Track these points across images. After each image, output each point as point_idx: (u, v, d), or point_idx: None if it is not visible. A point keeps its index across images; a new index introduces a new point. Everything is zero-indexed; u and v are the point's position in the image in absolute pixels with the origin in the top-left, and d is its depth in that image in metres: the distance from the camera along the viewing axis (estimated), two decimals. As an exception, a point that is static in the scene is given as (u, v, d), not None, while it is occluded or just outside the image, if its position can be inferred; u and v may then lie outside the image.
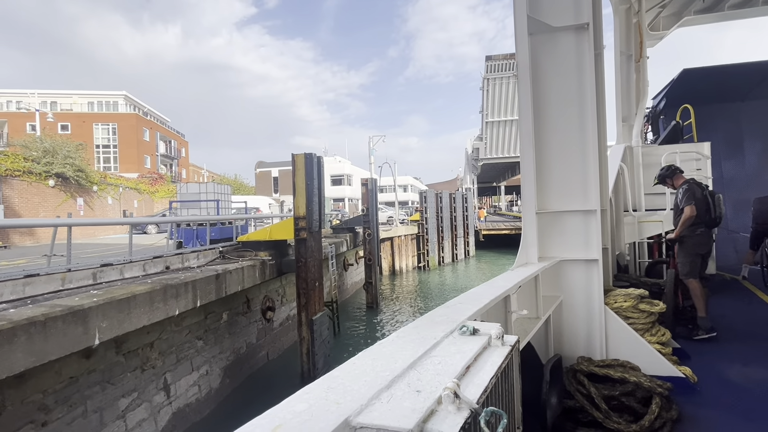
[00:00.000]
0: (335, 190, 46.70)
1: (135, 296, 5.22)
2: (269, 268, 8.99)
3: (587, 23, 3.46)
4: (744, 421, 2.83)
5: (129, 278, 6.69)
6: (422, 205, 25.18)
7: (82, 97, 45.20)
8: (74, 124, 38.68)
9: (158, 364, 6.29)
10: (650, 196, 6.85)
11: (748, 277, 7.41)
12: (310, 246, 8.75)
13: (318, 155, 9.05)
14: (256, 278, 8.45)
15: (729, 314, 5.17)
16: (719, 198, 4.69)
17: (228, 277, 7.40)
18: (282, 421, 0.84)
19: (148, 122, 42.82)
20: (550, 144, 3.60)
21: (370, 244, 15.68)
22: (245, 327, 8.81)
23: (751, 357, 3.92)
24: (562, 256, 3.56)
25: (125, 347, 5.67)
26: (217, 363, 7.77)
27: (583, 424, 2.73)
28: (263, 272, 8.74)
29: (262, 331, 9.47)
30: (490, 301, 1.96)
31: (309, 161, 8.72)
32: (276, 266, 9.27)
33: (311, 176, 8.76)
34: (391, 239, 22.49)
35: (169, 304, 5.84)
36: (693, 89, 9.43)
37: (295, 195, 8.77)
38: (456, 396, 0.92)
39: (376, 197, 16.44)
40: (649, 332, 3.53)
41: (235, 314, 8.42)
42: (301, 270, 8.73)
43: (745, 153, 9.73)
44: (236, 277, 7.72)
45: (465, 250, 28.59)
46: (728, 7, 8.60)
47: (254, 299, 9.14)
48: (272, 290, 10.14)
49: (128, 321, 5.09)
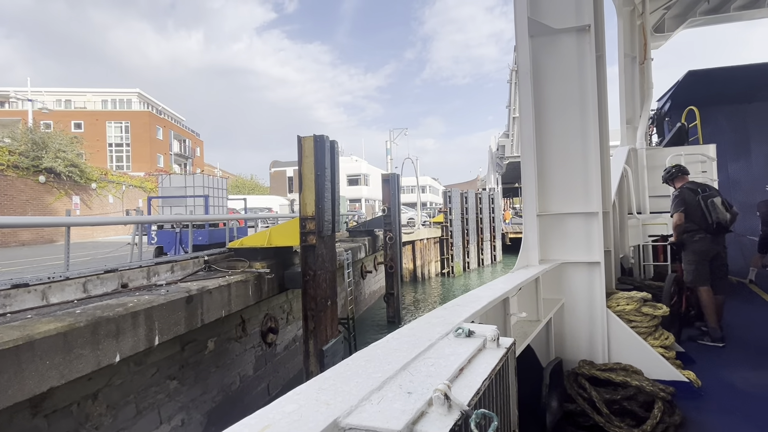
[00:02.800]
0: (352, 191, 45.19)
1: (33, 342, 3.27)
2: (267, 284, 6.94)
3: (588, 25, 3.45)
4: (749, 428, 2.79)
5: (55, 305, 4.58)
6: (446, 205, 23.15)
7: (95, 95, 45.00)
8: (87, 122, 38.65)
9: (105, 421, 4.34)
10: (655, 199, 6.79)
11: (756, 280, 7.32)
12: (321, 254, 6.94)
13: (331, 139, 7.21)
14: (248, 298, 6.44)
15: (735, 318, 5.10)
16: (712, 203, 4.44)
17: (206, 299, 5.38)
18: (271, 421, 0.84)
19: (161, 120, 42.31)
20: (552, 146, 3.59)
21: (391, 249, 13.64)
22: (239, 356, 6.80)
23: (758, 362, 3.86)
24: (563, 258, 3.53)
25: (48, 405, 3.74)
26: (198, 408, 5.78)
27: (584, 428, 2.71)
28: (258, 290, 6.72)
29: (261, 359, 7.47)
30: (488, 303, 1.95)
31: (319, 145, 6.80)
32: (276, 281, 7.23)
33: (322, 164, 6.83)
34: (413, 243, 20.75)
35: (103, 349, 3.86)
36: (698, 91, 9.35)
37: (302, 189, 6.83)
38: (447, 398, 0.92)
39: (399, 195, 14.45)
40: (652, 336, 3.49)
41: (226, 341, 6.42)
42: (308, 286, 6.87)
43: (751, 155, 9.63)
44: (218, 298, 5.67)
45: (492, 255, 26.29)
46: (734, 9, 8.54)
47: (251, 319, 7.15)
48: (275, 306, 8.08)
49: (18, 386, 3.14)
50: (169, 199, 11.49)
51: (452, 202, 22.91)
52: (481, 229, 25.32)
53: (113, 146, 39.10)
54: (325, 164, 6.97)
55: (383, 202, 14.16)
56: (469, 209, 24.10)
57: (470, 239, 24.11)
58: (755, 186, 9.28)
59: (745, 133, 9.62)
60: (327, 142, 7.00)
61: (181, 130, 46.88)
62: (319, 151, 6.85)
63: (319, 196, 6.84)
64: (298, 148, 6.85)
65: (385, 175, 14.48)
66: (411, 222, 25.33)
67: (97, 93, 45.37)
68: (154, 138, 39.82)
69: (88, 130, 37.41)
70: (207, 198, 11.43)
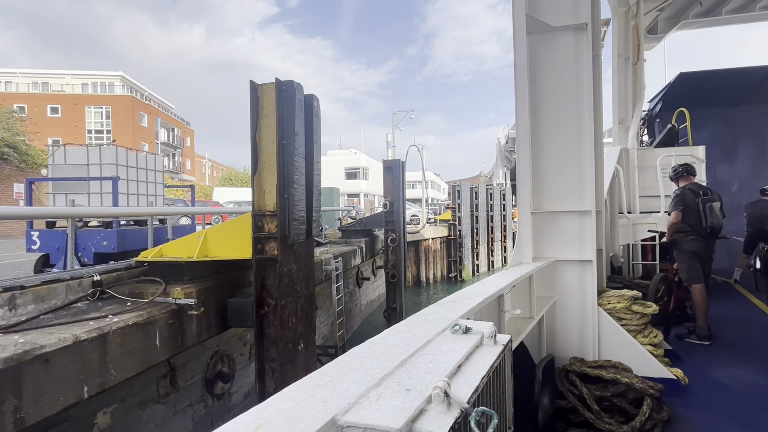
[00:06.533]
0: (350, 185, 42.67)
1: None
2: (193, 325, 4.16)
3: (586, 23, 3.45)
4: (734, 424, 2.84)
5: None
6: (454, 201, 20.25)
7: (75, 78, 41.33)
8: (65, 106, 35.22)
9: None
10: (645, 199, 6.88)
11: (740, 280, 7.47)
12: (288, 272, 4.41)
13: (302, 87, 4.50)
14: (151, 351, 3.71)
15: (721, 317, 5.21)
16: (711, 207, 4.47)
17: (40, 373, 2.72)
18: (266, 419, 0.82)
19: (146, 106, 39.21)
20: (547, 144, 3.59)
21: (394, 253, 10.99)
22: (163, 424, 4.29)
23: (742, 360, 3.94)
24: (556, 256, 3.55)
25: None
26: None
27: (575, 424, 2.73)
28: (174, 335, 3.96)
29: (204, 420, 4.80)
30: (484, 300, 1.94)
31: (287, 98, 4.27)
32: (212, 317, 4.47)
33: (290, 128, 4.28)
34: (417, 243, 18.43)
35: None
36: (689, 93, 9.47)
37: (256, 169, 4.30)
38: (446, 395, 0.91)
39: (403, 187, 11.60)
40: (641, 333, 3.53)
41: (137, 406, 3.98)
42: (266, 323, 4.29)
43: (738, 157, 9.80)
44: (74, 366, 2.95)
45: (502, 257, 23.19)
46: (725, 12, 8.65)
47: (189, 364, 4.62)
48: (230, 339, 5.38)
49: None
50: (65, 183, 7.73)
51: (461, 198, 20.17)
52: (492, 228, 22.46)
53: (93, 133, 35.42)
54: (296, 129, 4.31)
55: (384, 195, 11.37)
56: (479, 206, 21.24)
57: (480, 239, 21.42)
58: (742, 188, 9.46)
59: (733, 136, 9.78)
60: (299, 93, 4.40)
61: (169, 118, 44.36)
62: (287, 108, 4.25)
63: (284, 179, 4.23)
64: (251, 103, 4.22)
65: (388, 162, 11.44)
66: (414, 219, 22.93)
67: (76, 75, 41.60)
68: (138, 125, 36.69)
69: (65, 115, 34.52)
70: (116, 181, 7.66)
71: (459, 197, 20.23)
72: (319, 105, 4.89)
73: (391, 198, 11.16)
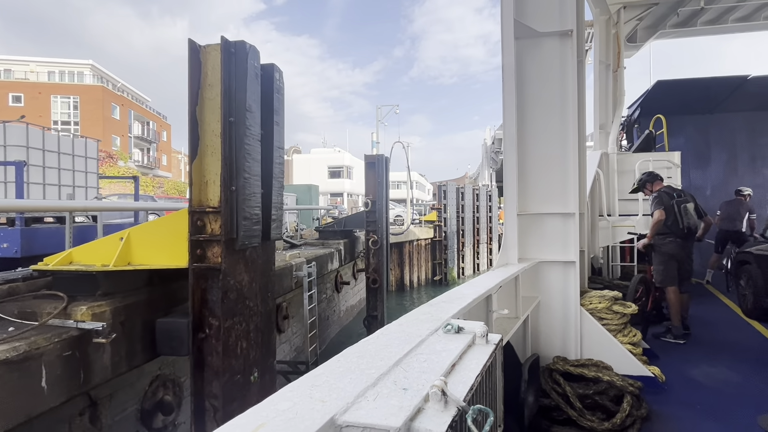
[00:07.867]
0: (333, 183, 42.42)
1: None
2: (106, 355, 3.24)
3: (571, 30, 3.53)
4: (707, 419, 2.96)
5: None
6: (440, 202, 19.76)
7: (41, 66, 38.14)
8: (28, 95, 32.66)
9: None
10: (624, 202, 7.08)
11: (712, 281, 7.76)
12: (236, 285, 3.62)
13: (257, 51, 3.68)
14: (32, 400, 2.71)
15: (693, 317, 5.41)
16: (685, 208, 4.64)
17: None
18: (265, 420, 0.81)
19: (118, 97, 36.68)
20: (533, 147, 3.66)
21: (375, 256, 10.09)
22: None
23: (715, 358, 4.11)
24: (541, 257, 3.62)
25: None
26: None
27: (558, 422, 2.79)
28: (72, 374, 3.00)
29: None
30: (473, 300, 1.97)
31: (237, 62, 3.51)
32: (137, 342, 3.58)
33: (242, 101, 3.50)
34: (401, 245, 17.94)
35: None
36: (666, 100, 9.81)
37: (197, 154, 3.53)
38: (443, 394, 0.92)
39: (387, 184, 10.64)
40: (621, 333, 3.64)
41: None
42: (206, 352, 3.49)
43: (711, 163, 10.20)
44: None
45: (488, 260, 22.74)
46: (701, 23, 8.99)
47: (120, 393, 3.71)
48: (175, 362, 4.39)
49: None
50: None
51: (447, 198, 19.76)
52: (478, 230, 22.20)
53: (59, 124, 32.39)
54: (247, 103, 3.52)
55: (366, 193, 10.47)
56: (465, 207, 20.87)
57: (466, 241, 21.10)
58: (714, 192, 9.83)
59: (707, 142, 10.17)
60: (254, 58, 3.60)
61: (144, 111, 41.28)
62: (236, 76, 3.48)
63: (231, 167, 3.46)
64: (190, 70, 3.46)
65: (370, 157, 10.44)
66: (399, 220, 22.43)
67: (42, 63, 38.32)
68: (109, 117, 34.42)
69: (28, 104, 31.48)
70: (21, 167, 6.20)
71: (445, 197, 19.85)
72: (282, 78, 4.01)
73: (373, 196, 10.25)
